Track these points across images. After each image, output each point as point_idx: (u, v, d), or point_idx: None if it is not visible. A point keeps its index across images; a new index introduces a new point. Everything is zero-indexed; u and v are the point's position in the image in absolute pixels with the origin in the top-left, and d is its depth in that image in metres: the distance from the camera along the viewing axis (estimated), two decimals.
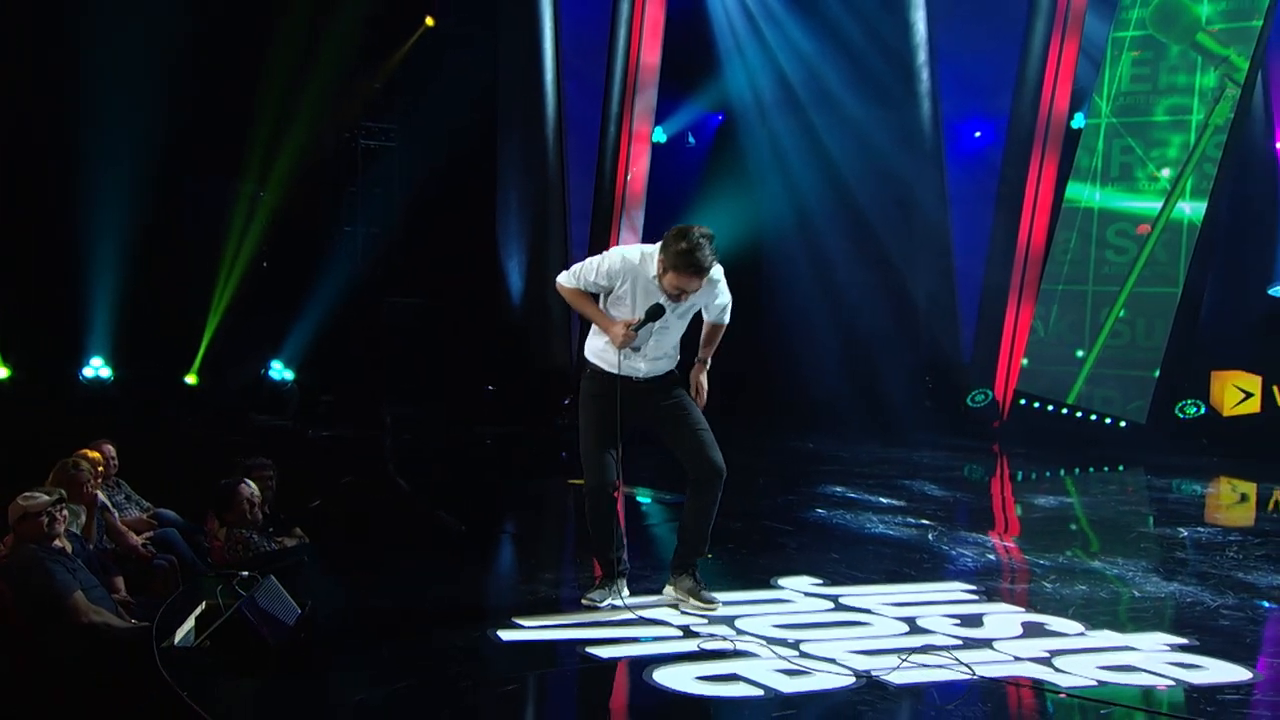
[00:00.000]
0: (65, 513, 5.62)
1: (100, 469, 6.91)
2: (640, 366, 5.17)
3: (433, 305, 13.37)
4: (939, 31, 14.55)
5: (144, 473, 7.70)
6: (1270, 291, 13.38)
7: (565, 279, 5.20)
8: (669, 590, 5.31)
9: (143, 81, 10.58)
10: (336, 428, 11.80)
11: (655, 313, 5.00)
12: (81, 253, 11.15)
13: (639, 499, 9.53)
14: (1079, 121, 14.02)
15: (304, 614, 4.91)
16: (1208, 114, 12.78)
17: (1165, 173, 13.07)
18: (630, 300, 5.04)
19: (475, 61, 13.41)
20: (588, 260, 5.17)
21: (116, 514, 6.98)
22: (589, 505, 5.24)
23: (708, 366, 5.41)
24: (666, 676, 4.29)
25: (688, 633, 4.90)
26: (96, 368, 11.64)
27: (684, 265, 4.88)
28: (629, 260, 5.05)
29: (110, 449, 7.25)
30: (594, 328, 5.22)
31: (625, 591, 5.26)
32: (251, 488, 7.05)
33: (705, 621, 5.07)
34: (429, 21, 12.75)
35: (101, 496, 6.72)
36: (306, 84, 11.21)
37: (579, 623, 4.99)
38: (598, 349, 5.21)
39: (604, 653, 4.57)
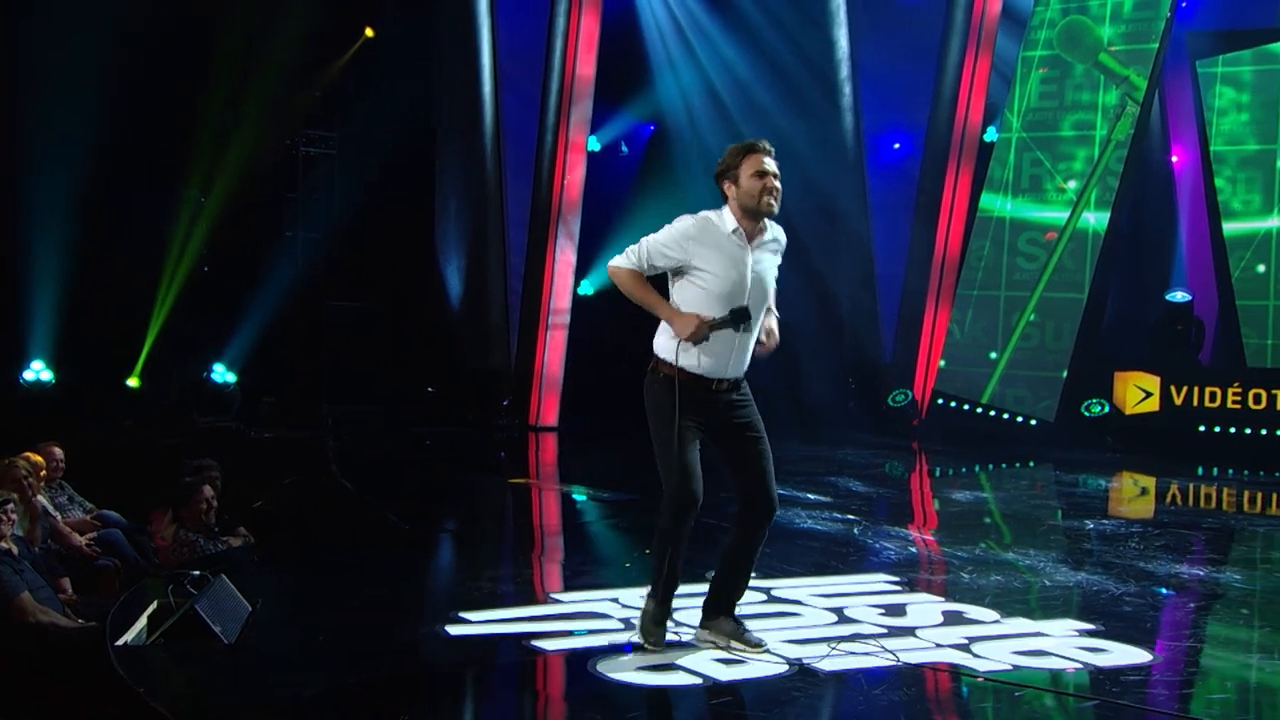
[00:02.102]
0: (14, 515, 5.53)
1: (42, 472, 6.80)
2: (728, 363, 4.38)
3: (373, 308, 13.29)
4: (860, 48, 14.82)
5: (87, 474, 7.57)
6: (1168, 297, 13.83)
7: (622, 261, 4.39)
8: (704, 634, 4.59)
9: (84, 87, 10.38)
10: (279, 428, 11.68)
11: (740, 315, 4.29)
12: (22, 256, 10.90)
13: (575, 497, 9.59)
14: (992, 135, 14.37)
15: (254, 612, 4.91)
16: (1110, 130, 13.19)
17: (1071, 184, 13.45)
18: (715, 270, 4.29)
19: (414, 71, 13.36)
20: (647, 238, 4.36)
21: (60, 516, 6.88)
22: (669, 521, 4.38)
23: (777, 318, 4.60)
24: (609, 667, 4.36)
25: (629, 625, 4.96)
26: (37, 371, 11.39)
27: (744, 147, 4.36)
28: (701, 220, 4.32)
29: (58, 452, 7.14)
30: (662, 324, 4.41)
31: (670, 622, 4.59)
32: (211, 491, 7.01)
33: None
34: (368, 32, 12.67)
35: (43, 499, 6.61)
36: (248, 92, 11.07)
37: (523, 616, 5.03)
38: (672, 349, 4.37)
39: (549, 645, 4.63)
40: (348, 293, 13.29)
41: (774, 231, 4.51)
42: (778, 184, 4.34)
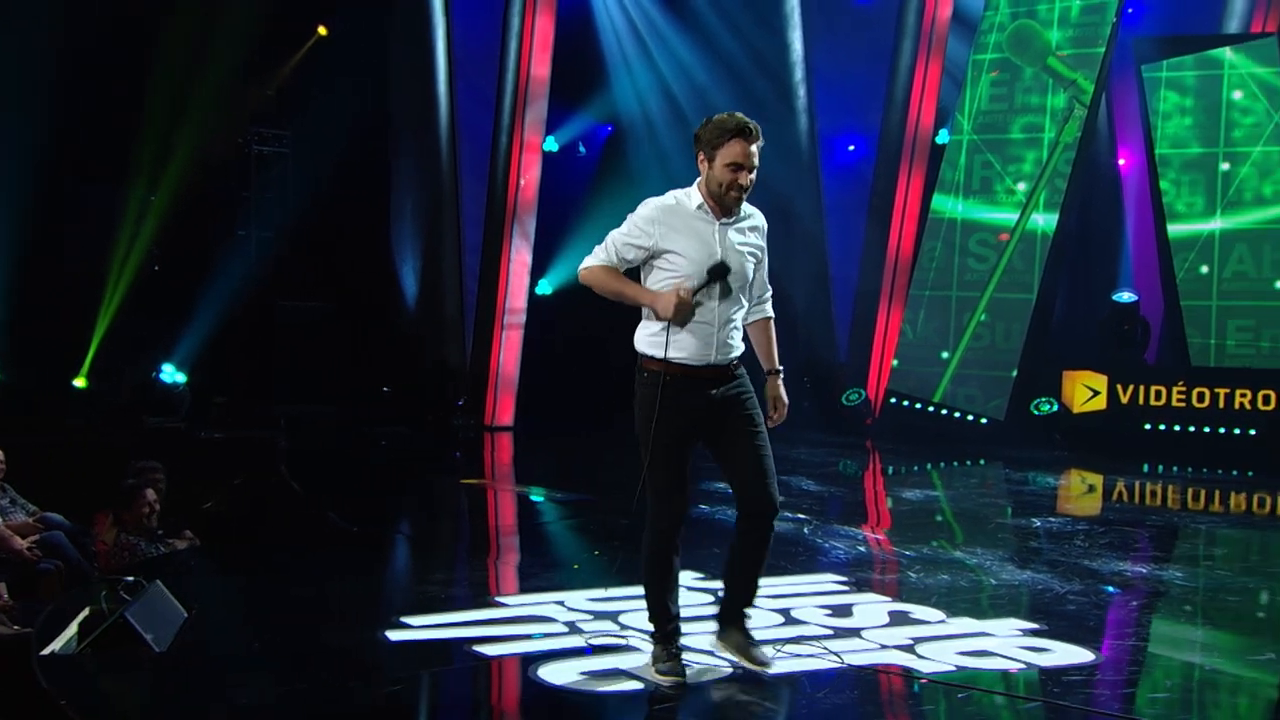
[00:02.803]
0: None
1: None
2: (711, 347, 4.04)
3: (326, 307, 13.09)
4: (814, 51, 14.81)
5: (31, 476, 7.37)
6: (1115, 297, 13.92)
7: (590, 260, 4.13)
8: (717, 645, 4.34)
9: (28, 85, 10.11)
10: (230, 429, 11.44)
11: (718, 271, 3.98)
12: None
13: (527, 497, 9.48)
14: (943, 137, 14.41)
15: (190, 618, 4.76)
16: (1058, 132, 13.25)
17: (1021, 186, 13.51)
18: (684, 252, 4.01)
19: (369, 69, 13.17)
20: (612, 232, 4.12)
21: (1, 519, 6.68)
22: (652, 546, 4.15)
23: (782, 375, 4.35)
24: (551, 673, 4.26)
25: (574, 629, 4.87)
26: None
27: (731, 128, 3.97)
28: (663, 203, 4.06)
29: None
30: (644, 312, 4.12)
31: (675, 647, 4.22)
32: (153, 494, 6.84)
33: (591, 618, 5.04)
34: (321, 31, 12.46)
35: None
36: (195, 89, 10.83)
37: (466, 620, 4.92)
38: (652, 336, 4.08)
39: (491, 650, 4.52)
40: (302, 292, 13.08)
41: (749, 212, 4.19)
42: (751, 179, 4.02)
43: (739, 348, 4.17)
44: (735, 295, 4.10)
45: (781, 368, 4.34)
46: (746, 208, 4.17)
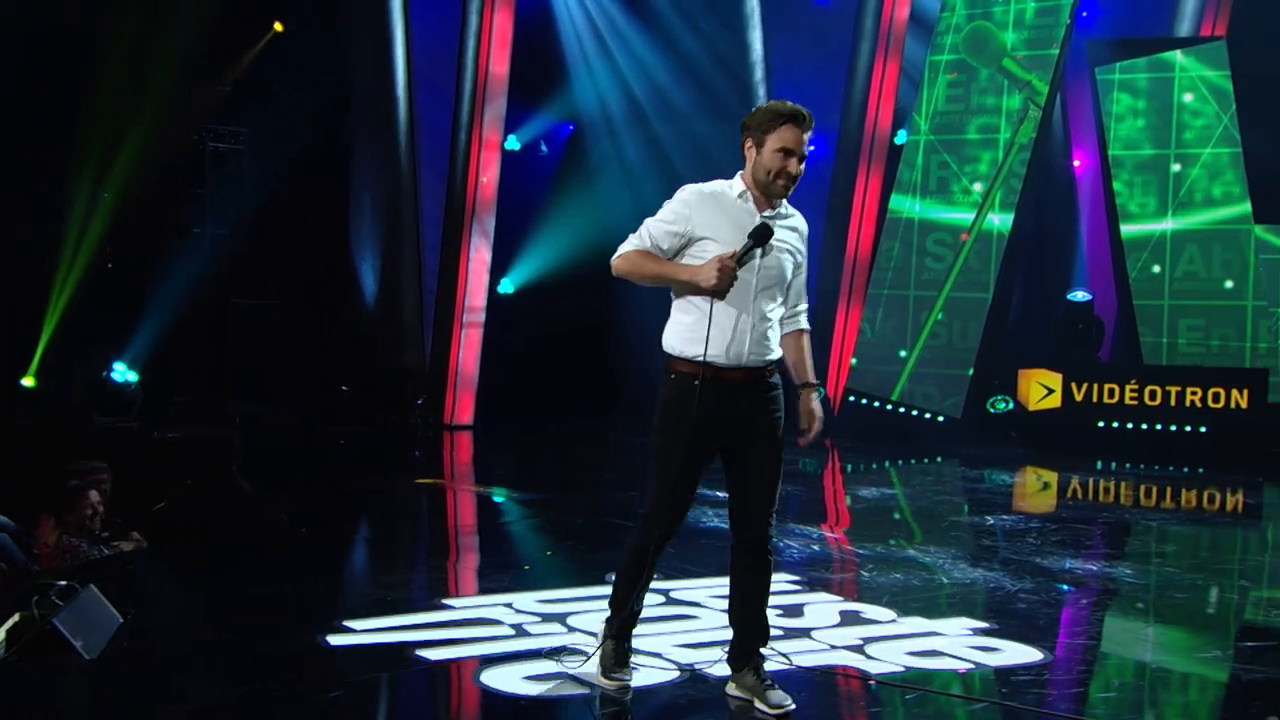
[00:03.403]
0: None
1: None
2: (744, 345, 3.74)
3: (284, 305, 12.86)
4: (774, 51, 14.76)
5: None
6: (1069, 296, 13.98)
7: (623, 247, 3.83)
8: (731, 688, 4.00)
9: None
10: (185, 428, 11.20)
11: (762, 234, 3.70)
12: None
13: (483, 497, 9.33)
14: (901, 138, 14.40)
15: (126, 623, 4.60)
16: (1013, 133, 13.28)
17: (977, 186, 13.52)
18: (722, 240, 3.73)
19: (327, 66, 12.95)
20: (648, 219, 3.84)
21: None
22: (637, 545, 3.95)
23: (820, 392, 4.05)
24: (494, 678, 4.14)
25: (520, 632, 4.75)
26: None
27: (785, 113, 3.75)
28: (704, 189, 3.82)
29: None
30: (674, 308, 3.84)
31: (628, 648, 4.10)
32: (97, 495, 6.64)
33: (538, 620, 4.92)
34: (277, 26, 12.23)
35: None
36: (145, 84, 10.57)
37: (410, 624, 4.79)
38: (685, 331, 3.78)
39: (434, 655, 4.39)
40: (259, 290, 12.84)
41: (791, 212, 3.93)
42: (800, 169, 3.77)
43: (775, 351, 3.88)
44: (773, 291, 3.80)
45: (818, 383, 4.03)
46: (788, 208, 3.91)
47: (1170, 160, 13.31)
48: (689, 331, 3.78)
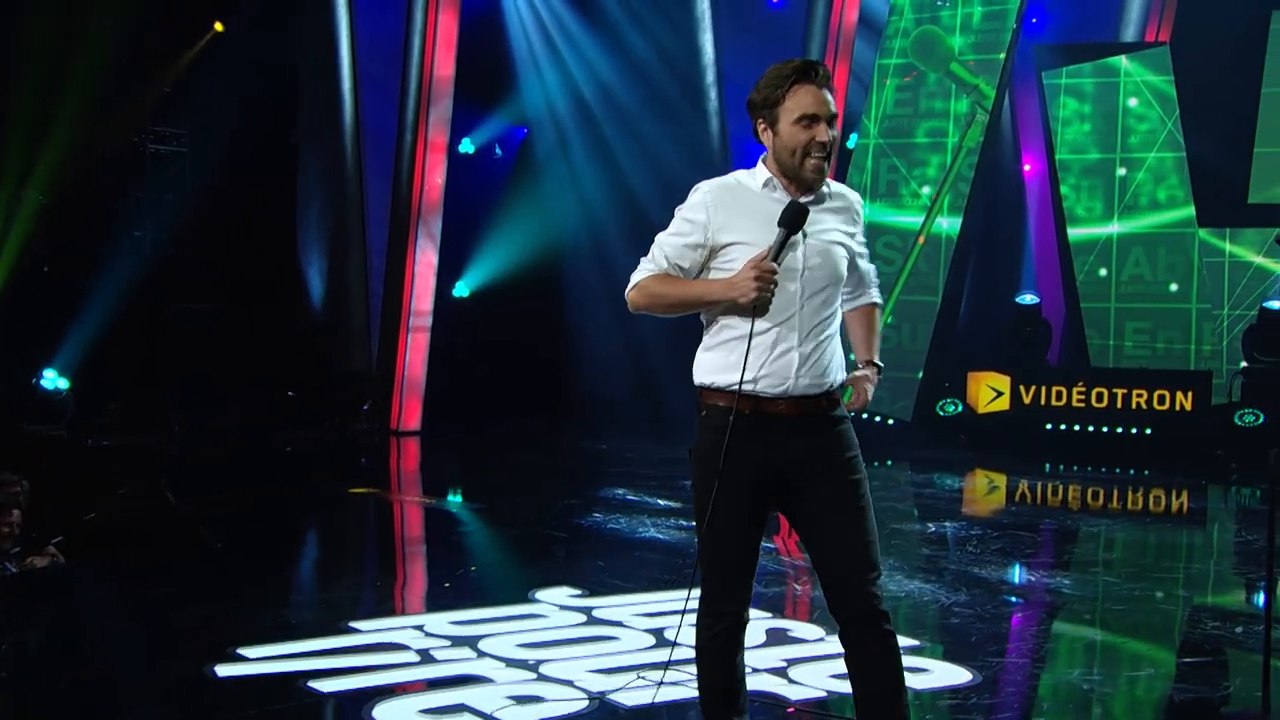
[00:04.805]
0: None
1: None
2: (792, 368, 2.93)
3: (228, 309, 12.43)
4: (724, 54, 14.51)
5: None
6: (1017, 299, 13.82)
7: (636, 275, 3.02)
8: None
9: None
10: (120, 436, 10.77)
11: (795, 217, 2.90)
12: None
13: (428, 509, 9.00)
14: (852, 141, 14.18)
15: (2, 652, 4.25)
16: (961, 137, 13.10)
17: (926, 190, 13.33)
18: (752, 242, 2.93)
19: (271, 67, 12.54)
20: (659, 235, 3.04)
21: None
22: (702, 644, 3.08)
23: (879, 372, 3.27)
24: (388, 711, 3.83)
25: (426, 658, 4.44)
26: None
27: (790, 72, 2.98)
28: (720, 182, 3.06)
29: None
30: (706, 333, 3.04)
31: None
32: (17, 512, 6.25)
33: (448, 644, 4.61)
34: (218, 27, 11.81)
35: None
36: (69, 83, 10.12)
37: (309, 650, 4.46)
38: (719, 357, 2.98)
39: (326, 686, 4.07)
40: (201, 294, 12.40)
41: (837, 190, 3.11)
42: (832, 135, 2.98)
43: (835, 374, 3.01)
44: (826, 295, 3.00)
45: (881, 364, 3.26)
46: (834, 184, 3.11)
47: (1116, 164, 13.18)
48: (724, 355, 2.96)
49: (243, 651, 4.37)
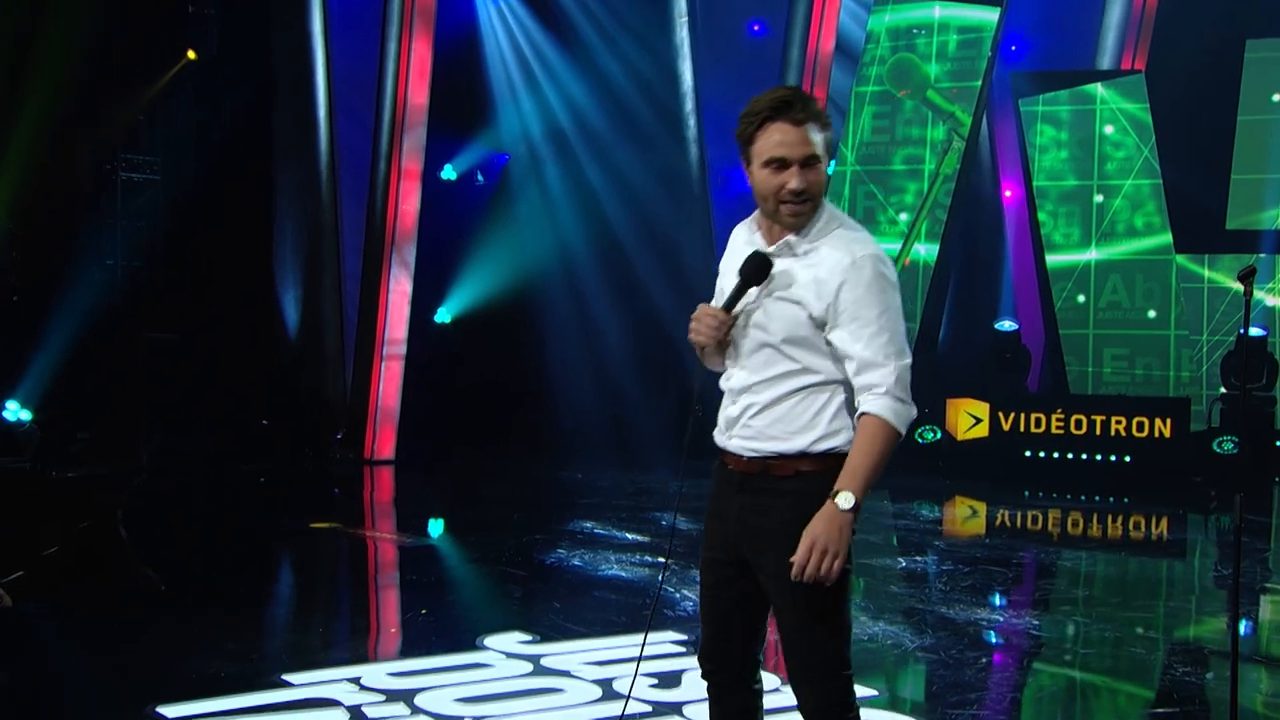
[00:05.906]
0: None
1: None
2: (725, 422, 2.82)
3: (200, 338, 12.17)
4: (703, 82, 14.35)
5: None
6: (996, 326, 13.64)
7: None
8: None
9: None
10: (87, 467, 10.48)
11: (754, 269, 2.67)
12: None
13: (389, 545, 8.71)
14: (830, 168, 14.00)
15: None
16: (938, 164, 12.94)
17: (903, 217, 13.16)
18: (725, 281, 2.85)
19: (247, 94, 12.34)
20: None
21: None
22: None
23: (842, 509, 2.68)
24: None
25: (356, 716, 4.17)
26: None
27: (762, 107, 2.63)
28: (741, 223, 2.91)
29: None
30: None
31: None
32: None
33: (383, 699, 4.35)
34: (190, 55, 11.61)
35: None
36: (31, 107, 9.90)
37: (235, 708, 4.19)
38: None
39: None
40: (174, 323, 12.15)
41: (816, 246, 2.69)
42: (803, 183, 2.61)
43: (776, 440, 2.71)
44: (766, 356, 2.71)
45: (849, 497, 2.68)
46: (834, 238, 2.68)
47: (1093, 191, 13.04)
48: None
49: (163, 710, 4.10)
